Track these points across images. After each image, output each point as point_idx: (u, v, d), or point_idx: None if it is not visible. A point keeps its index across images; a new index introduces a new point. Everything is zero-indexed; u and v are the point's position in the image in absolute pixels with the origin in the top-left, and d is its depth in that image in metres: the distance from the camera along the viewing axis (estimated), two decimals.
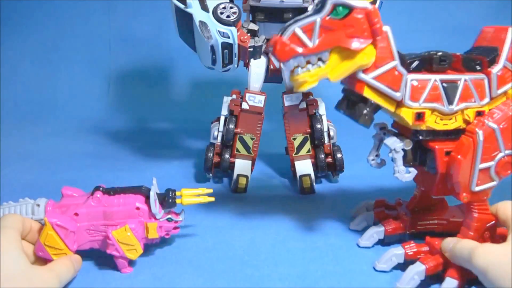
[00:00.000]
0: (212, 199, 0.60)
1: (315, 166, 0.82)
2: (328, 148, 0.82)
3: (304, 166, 0.81)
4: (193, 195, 0.59)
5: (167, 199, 0.57)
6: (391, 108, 0.51)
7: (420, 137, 0.52)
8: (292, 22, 0.47)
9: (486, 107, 0.52)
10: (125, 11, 1.47)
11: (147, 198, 0.56)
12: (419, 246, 0.55)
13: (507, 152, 0.50)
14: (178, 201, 0.58)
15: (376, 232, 0.60)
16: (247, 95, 0.78)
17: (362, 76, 0.49)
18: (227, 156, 0.81)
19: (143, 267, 0.57)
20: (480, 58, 0.52)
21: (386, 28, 0.48)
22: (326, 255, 0.59)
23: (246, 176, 0.80)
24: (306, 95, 0.80)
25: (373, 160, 0.57)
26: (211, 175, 0.85)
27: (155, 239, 0.57)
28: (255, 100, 0.78)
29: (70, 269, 0.51)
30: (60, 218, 0.53)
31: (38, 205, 0.57)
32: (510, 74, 0.52)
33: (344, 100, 0.53)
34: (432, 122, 0.51)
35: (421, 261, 0.52)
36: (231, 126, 0.79)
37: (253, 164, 0.83)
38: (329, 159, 0.82)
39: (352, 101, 0.52)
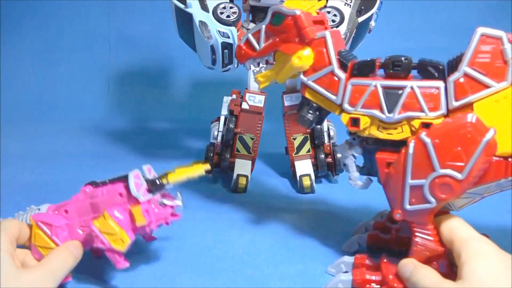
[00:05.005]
0: (202, 171, 0.54)
1: (315, 166, 0.82)
2: (328, 148, 0.83)
3: (304, 166, 0.81)
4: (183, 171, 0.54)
5: (152, 180, 0.52)
6: (335, 111, 0.51)
7: (368, 145, 0.50)
8: (250, 29, 0.54)
9: (441, 119, 0.45)
10: (125, 11, 1.47)
11: None
12: (372, 262, 0.52)
13: (443, 171, 0.43)
14: (164, 181, 0.53)
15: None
16: (247, 95, 0.78)
17: (301, 78, 0.51)
18: (227, 156, 0.81)
19: (143, 267, 0.57)
20: (442, 64, 0.46)
21: (324, 33, 0.49)
22: (325, 255, 0.59)
23: (246, 176, 0.80)
24: None
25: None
26: (211, 175, 0.85)
27: (149, 228, 0.51)
28: (255, 100, 0.78)
29: (67, 259, 0.48)
30: (44, 215, 0.51)
31: (39, 209, 0.56)
32: (475, 83, 0.43)
33: (300, 102, 0.55)
34: (374, 130, 0.48)
35: (352, 273, 0.51)
36: (231, 126, 0.79)
37: (253, 164, 0.83)
38: (329, 159, 0.82)
39: (302, 103, 0.54)
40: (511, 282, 0.39)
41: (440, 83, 0.45)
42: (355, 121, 0.49)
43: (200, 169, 0.54)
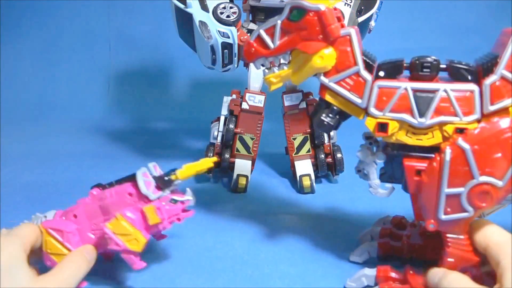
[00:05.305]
0: (210, 163, 0.53)
1: (315, 166, 0.82)
2: (328, 148, 0.82)
3: (304, 166, 0.81)
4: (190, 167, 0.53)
5: (161, 178, 0.52)
6: (358, 116, 0.48)
7: (393, 151, 0.48)
8: (261, 25, 0.48)
9: (475, 124, 0.43)
10: (125, 11, 1.47)
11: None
12: (397, 273, 0.50)
13: (483, 179, 0.42)
14: (173, 177, 0.52)
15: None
16: (247, 95, 0.78)
17: (322, 79, 0.47)
18: (227, 156, 0.81)
19: (143, 267, 0.57)
20: (473, 66, 0.44)
21: (349, 31, 0.46)
22: (326, 255, 0.59)
23: (246, 176, 0.80)
24: (306, 95, 0.81)
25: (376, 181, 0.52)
26: (211, 175, 0.85)
27: (163, 226, 0.51)
28: (255, 100, 0.78)
29: (81, 265, 0.48)
30: (54, 222, 0.51)
31: (45, 216, 0.55)
32: (511, 87, 0.42)
33: (316, 105, 0.51)
34: (402, 135, 0.46)
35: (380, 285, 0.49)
36: (231, 126, 0.79)
37: (253, 164, 0.83)
38: (329, 159, 0.82)
39: (320, 106, 0.50)
40: None
41: (474, 86, 0.43)
42: (382, 126, 0.46)
43: (207, 163, 0.53)
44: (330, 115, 0.48)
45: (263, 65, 0.50)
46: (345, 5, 0.75)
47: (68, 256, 0.49)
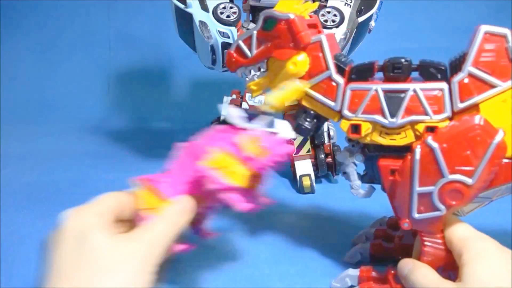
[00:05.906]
0: (302, 90, 0.48)
1: (315, 166, 0.82)
2: (328, 148, 0.83)
3: (304, 166, 0.81)
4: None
5: (251, 107, 0.50)
6: (333, 118, 0.49)
7: (370, 152, 0.49)
8: (240, 36, 0.51)
9: (446, 122, 0.43)
10: (125, 11, 1.47)
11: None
12: (378, 273, 0.50)
13: (452, 177, 0.42)
14: (263, 107, 0.48)
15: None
16: (247, 95, 0.78)
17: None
18: None
19: None
20: (443, 65, 0.44)
21: (320, 37, 0.47)
22: (326, 255, 0.59)
23: None
24: None
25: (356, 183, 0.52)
26: None
27: (265, 160, 0.45)
28: (255, 100, 0.78)
29: (174, 218, 0.41)
30: (147, 175, 0.47)
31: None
32: (480, 83, 0.41)
33: (296, 110, 0.52)
34: (376, 136, 0.46)
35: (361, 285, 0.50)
36: None
37: None
38: (329, 159, 0.83)
39: (298, 111, 0.51)
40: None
41: (443, 85, 0.43)
42: (355, 128, 0.46)
43: (299, 88, 0.48)
44: (308, 119, 0.50)
45: (244, 74, 0.52)
46: (345, 5, 0.75)
47: (161, 211, 0.42)
